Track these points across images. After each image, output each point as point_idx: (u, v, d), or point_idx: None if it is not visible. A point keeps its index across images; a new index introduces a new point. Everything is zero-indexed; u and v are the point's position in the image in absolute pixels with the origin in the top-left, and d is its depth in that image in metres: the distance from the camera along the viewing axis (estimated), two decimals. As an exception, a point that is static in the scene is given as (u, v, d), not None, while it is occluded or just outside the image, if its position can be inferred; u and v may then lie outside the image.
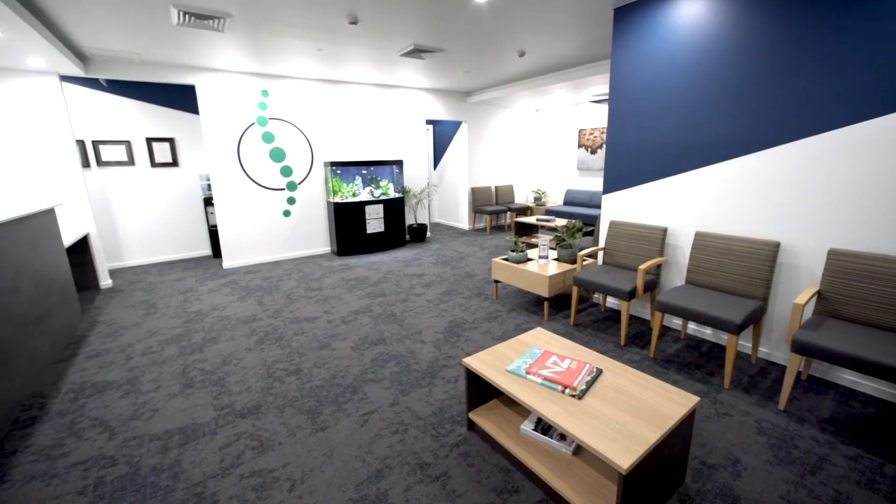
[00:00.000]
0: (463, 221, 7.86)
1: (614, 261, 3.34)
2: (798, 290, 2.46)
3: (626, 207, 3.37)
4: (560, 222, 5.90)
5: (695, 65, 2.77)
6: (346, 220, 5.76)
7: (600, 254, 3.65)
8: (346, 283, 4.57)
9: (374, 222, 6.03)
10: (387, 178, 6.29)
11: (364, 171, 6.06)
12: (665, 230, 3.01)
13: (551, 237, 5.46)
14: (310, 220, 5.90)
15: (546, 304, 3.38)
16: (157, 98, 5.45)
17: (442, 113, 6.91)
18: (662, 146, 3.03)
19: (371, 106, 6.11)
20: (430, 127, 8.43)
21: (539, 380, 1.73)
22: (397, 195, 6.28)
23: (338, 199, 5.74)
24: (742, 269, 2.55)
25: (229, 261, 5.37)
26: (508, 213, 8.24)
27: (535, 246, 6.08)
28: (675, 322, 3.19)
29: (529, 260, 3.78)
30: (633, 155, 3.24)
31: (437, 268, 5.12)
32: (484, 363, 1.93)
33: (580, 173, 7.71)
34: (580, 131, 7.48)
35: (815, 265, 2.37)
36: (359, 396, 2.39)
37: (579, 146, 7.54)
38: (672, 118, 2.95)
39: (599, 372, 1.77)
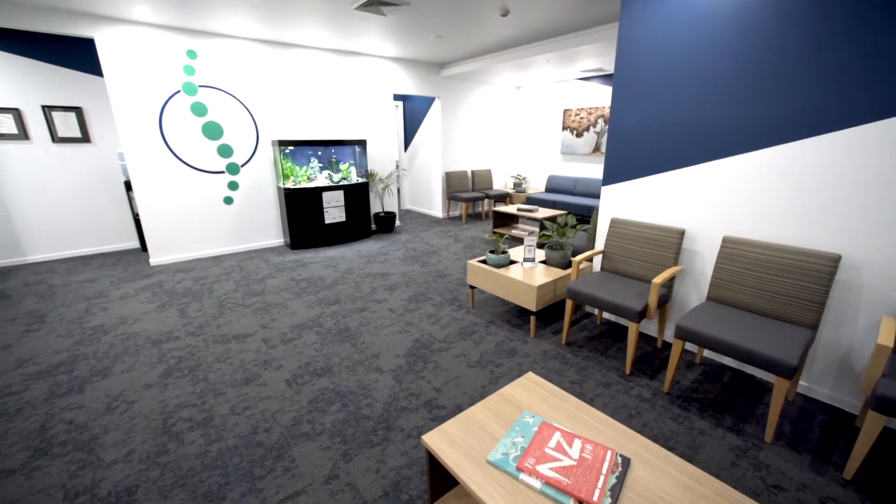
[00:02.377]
0: (436, 209, 7.17)
1: (616, 267, 2.77)
2: (857, 316, 1.95)
3: (630, 203, 2.79)
4: (543, 212, 5.33)
5: (727, 27, 2.16)
6: (299, 208, 4.96)
7: (597, 257, 3.08)
8: (296, 285, 3.83)
9: (334, 211, 5.25)
10: (348, 161, 5.49)
11: (321, 153, 5.24)
12: (682, 233, 2.45)
13: (537, 236, 4.86)
14: (257, 209, 5.06)
15: (533, 318, 2.79)
16: (55, 56, 4.39)
17: (412, 87, 6.11)
18: (680, 129, 2.44)
19: (328, 76, 5.24)
20: (400, 104, 7.60)
21: (538, 483, 1.12)
22: (360, 180, 5.51)
23: (289, 185, 4.91)
24: (788, 288, 2.02)
25: (158, 256, 4.50)
26: (486, 201, 7.61)
27: (517, 240, 5.49)
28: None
29: (513, 263, 3.17)
30: (641, 139, 2.64)
31: (405, 265, 4.45)
32: (453, 445, 1.30)
33: (564, 158, 7.13)
34: (565, 112, 6.86)
35: (887, 286, 1.86)
36: (283, 465, 1.73)
37: (564, 128, 6.93)
38: (694, 95, 2.35)
39: (627, 464, 1.18)
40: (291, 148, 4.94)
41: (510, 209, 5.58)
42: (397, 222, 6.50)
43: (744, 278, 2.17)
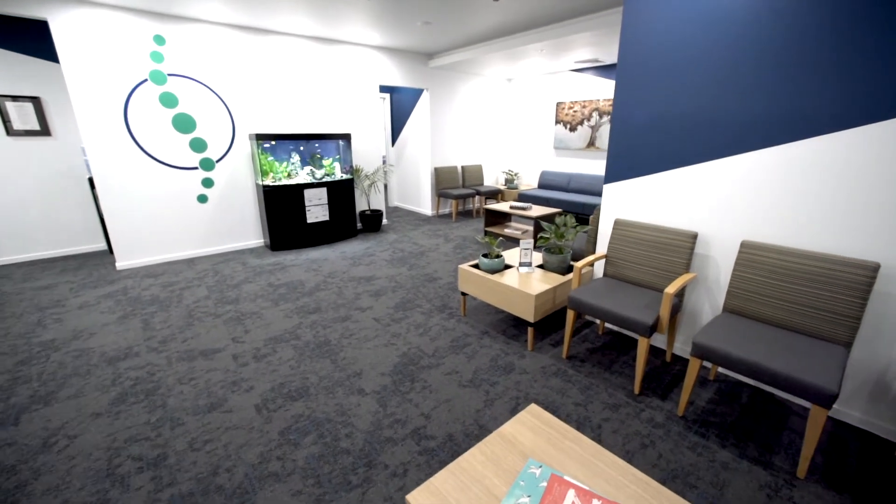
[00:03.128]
0: (425, 206, 6.90)
1: (620, 273, 2.55)
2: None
3: (635, 202, 2.57)
4: (537, 209, 5.10)
5: (751, 2, 1.93)
6: (279, 207, 4.65)
7: (599, 261, 2.86)
8: (274, 291, 3.54)
9: (317, 209, 4.95)
10: (331, 156, 5.18)
11: (302, 148, 4.92)
12: (695, 237, 2.23)
13: (531, 235, 4.64)
14: (234, 208, 4.73)
15: (531, 330, 2.56)
16: (8, 39, 3.99)
17: (399, 78, 5.81)
18: (692, 122, 2.21)
19: (310, 66, 4.91)
20: (387, 96, 7.28)
21: (553, 571, 0.88)
22: (345, 176, 5.21)
23: (268, 182, 4.60)
24: (818, 301, 1.82)
25: (125, 260, 4.16)
26: (477, 198, 7.37)
27: (510, 240, 5.26)
28: (695, 352, 2.46)
29: (508, 267, 2.93)
30: (648, 133, 2.41)
31: (392, 267, 4.18)
32: (445, 508, 1.06)
33: (557, 153, 6.91)
34: (558, 105, 6.62)
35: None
36: (245, 517, 1.47)
37: (557, 122, 6.70)
38: (709, 83, 2.12)
39: (661, 538, 0.95)
40: (272, 143, 4.62)
41: (502, 207, 5.34)
42: (384, 221, 6.23)
43: (766, 288, 1.96)
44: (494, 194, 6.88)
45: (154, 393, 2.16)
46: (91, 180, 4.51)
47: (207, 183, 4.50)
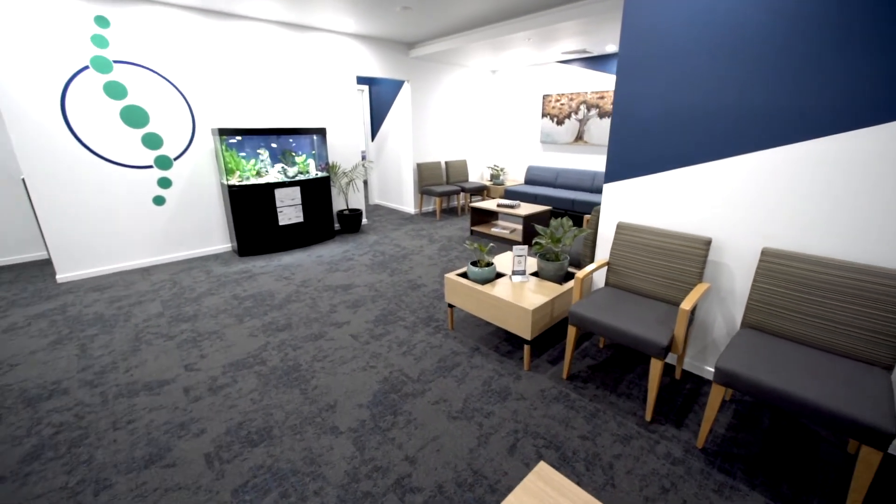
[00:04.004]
0: (407, 204, 6.56)
1: (624, 283, 2.30)
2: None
3: (639, 204, 2.31)
4: (526, 207, 4.84)
5: (775, -27, 1.68)
6: (247, 208, 4.24)
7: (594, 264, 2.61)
8: (239, 304, 3.17)
9: (289, 210, 4.56)
10: (305, 152, 4.79)
11: (275, 145, 4.51)
12: (709, 243, 1.99)
13: (520, 234, 4.38)
14: (196, 210, 4.29)
15: (527, 348, 2.29)
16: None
17: (377, 69, 5.43)
18: (704, 115, 1.97)
19: (279, 54, 4.49)
20: (365, 88, 6.88)
21: None
22: (321, 174, 4.82)
23: (234, 181, 4.18)
24: (855, 318, 1.60)
25: (67, 271, 3.69)
26: (462, 194, 7.08)
27: (498, 240, 4.98)
28: (711, 370, 2.25)
29: (500, 276, 2.65)
30: (653, 127, 2.15)
31: (372, 273, 3.86)
32: None
33: (544, 147, 6.66)
34: (544, 97, 6.37)
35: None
36: None
37: (543, 115, 6.45)
38: (727, 70, 1.87)
39: None
40: (238, 138, 4.19)
41: (489, 205, 5.06)
42: (364, 220, 5.87)
43: (792, 302, 1.74)
44: (480, 191, 6.60)
45: (80, 443, 1.79)
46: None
47: (164, 183, 4.05)
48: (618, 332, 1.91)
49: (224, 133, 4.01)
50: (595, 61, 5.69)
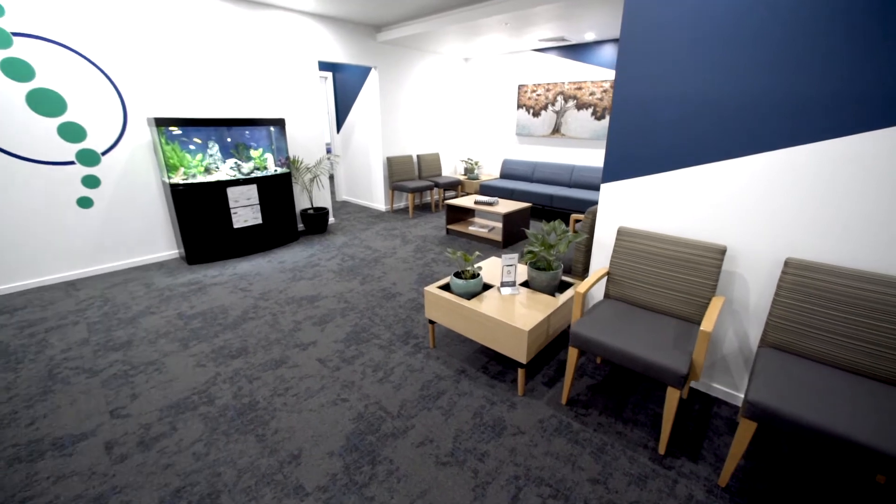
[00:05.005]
0: (378, 201, 6.16)
1: (627, 296, 2.08)
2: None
3: (642, 207, 2.08)
4: (504, 204, 4.58)
5: (807, -57, 1.46)
6: (195, 210, 3.72)
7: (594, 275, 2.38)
8: (184, 325, 2.72)
9: (245, 211, 4.07)
10: (262, 146, 4.29)
11: (230, 139, 3.99)
12: (724, 252, 1.79)
13: (499, 232, 4.13)
14: (133, 212, 3.73)
15: (521, 372, 2.03)
16: None
17: (342, 54, 4.96)
18: (719, 106, 1.74)
19: (230, 34, 3.95)
20: (328, 74, 6.36)
21: None
22: (280, 170, 4.35)
23: (179, 179, 3.65)
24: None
25: (-29, 288, 3.08)
26: (435, 190, 6.74)
27: (475, 239, 4.70)
28: (721, 388, 2.07)
29: (487, 287, 2.36)
30: (659, 121, 1.91)
31: (341, 281, 3.48)
32: None
33: (520, 140, 6.43)
34: (520, 87, 6.11)
35: None
36: None
37: (519, 106, 6.20)
38: (744, 56, 1.65)
39: None
40: (181, 130, 3.65)
41: (465, 202, 4.76)
42: (331, 219, 5.42)
43: (823, 320, 1.56)
44: (454, 185, 6.29)
45: (-46, 537, 1.36)
46: (-86, 180, 3.30)
47: (91, 182, 3.47)
48: (629, 357, 1.67)
49: (163, 123, 3.47)
50: (573, 50, 5.48)
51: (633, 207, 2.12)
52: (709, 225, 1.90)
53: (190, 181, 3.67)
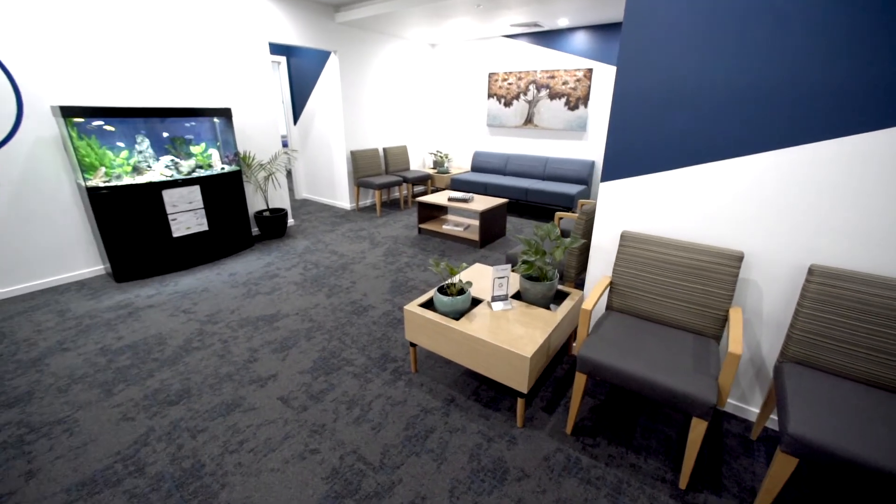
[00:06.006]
0: (342, 198, 5.70)
1: (634, 307, 1.86)
2: None
3: (647, 208, 1.86)
4: (480, 200, 4.31)
5: None
6: (122, 217, 3.16)
7: (592, 286, 2.15)
8: (108, 363, 2.24)
9: (187, 217, 3.53)
10: (205, 140, 3.74)
11: (167, 134, 3.42)
12: (741, 258, 1.60)
13: (478, 233, 3.86)
14: (38, 224, 3.10)
15: (521, 402, 1.77)
16: None
17: (295, 35, 4.44)
18: (737, 96, 1.53)
19: (158, 7, 3.34)
20: (282, 59, 5.77)
21: None
22: (228, 167, 3.82)
23: (98, 181, 3.07)
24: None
25: None
26: (404, 185, 6.35)
27: (450, 238, 4.40)
28: (730, 402, 1.91)
29: (476, 302, 2.08)
30: (667, 111, 1.69)
31: (305, 294, 3.08)
32: None
33: (491, 131, 6.16)
34: (490, 76, 5.82)
35: None
36: None
37: (489, 96, 5.92)
38: (766, 37, 1.43)
39: None
40: (100, 122, 3.06)
41: (438, 199, 4.44)
42: (290, 221, 4.93)
43: (853, 333, 1.40)
44: (423, 180, 5.94)
45: None
46: None
47: (-17, 187, 2.82)
48: (649, 385, 1.45)
49: (73, 113, 2.87)
50: (545, 37, 5.24)
51: (637, 209, 1.90)
52: (721, 229, 1.70)
53: (114, 183, 3.10)
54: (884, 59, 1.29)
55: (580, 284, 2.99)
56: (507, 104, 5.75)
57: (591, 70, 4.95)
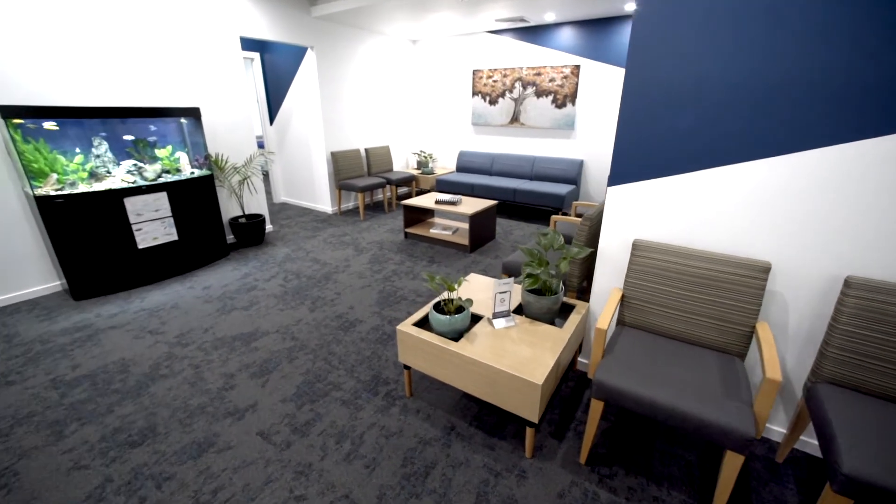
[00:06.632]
0: (323, 202, 5.44)
1: (649, 323, 1.72)
2: None
3: (661, 215, 1.73)
4: (468, 203, 4.14)
5: None
6: (79, 229, 2.86)
7: (600, 299, 2.01)
8: (60, 398, 1.97)
9: (153, 227, 3.24)
10: (172, 143, 3.45)
11: (131, 135, 3.11)
12: (768, 270, 1.47)
13: (461, 232, 3.69)
14: (-16, 236, 2.77)
15: (530, 432, 1.61)
16: None
17: (267, 30, 4.16)
18: (763, 90, 1.40)
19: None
20: (255, 56, 5.45)
21: None
22: (199, 172, 3.53)
23: (50, 189, 2.76)
24: None
25: None
26: (388, 187, 6.13)
27: (438, 243, 4.22)
28: (770, 427, 1.79)
29: (476, 319, 1.90)
30: (684, 109, 1.55)
31: (286, 308, 2.85)
32: None
33: (476, 130, 6.00)
34: (475, 73, 5.65)
35: None
36: None
37: (474, 94, 5.75)
38: (791, 30, 1.31)
39: None
40: (52, 124, 2.74)
41: (425, 202, 4.25)
42: (268, 227, 4.65)
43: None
44: (408, 181, 5.73)
45: None
46: None
47: (-89, 198, 2.48)
48: (678, 415, 1.30)
49: (12, 114, 2.56)
50: (531, 33, 5.10)
51: (649, 215, 1.76)
52: (744, 237, 1.58)
53: (68, 191, 2.79)
54: (926, 51, 1.18)
55: (581, 292, 2.85)
56: (493, 102, 5.60)
57: (578, 67, 4.84)
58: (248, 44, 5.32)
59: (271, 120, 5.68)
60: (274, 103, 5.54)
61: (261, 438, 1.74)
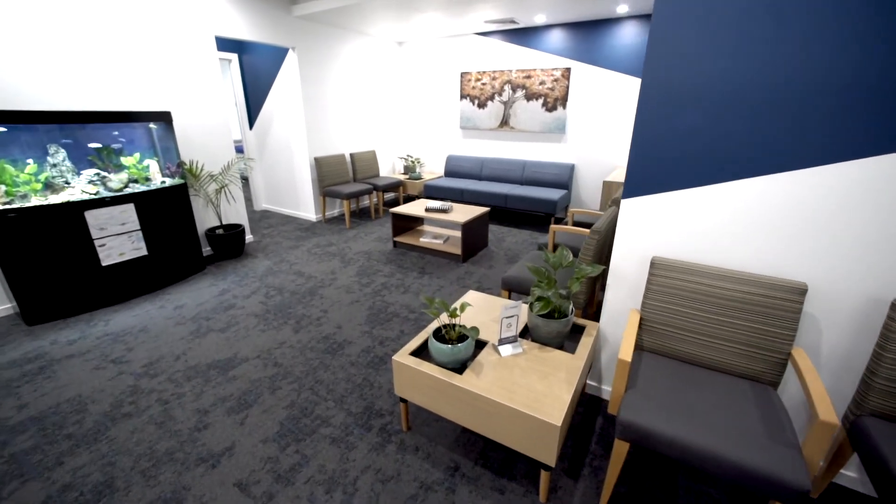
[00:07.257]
0: (307, 209, 5.19)
1: (669, 348, 1.57)
2: None
3: (681, 230, 1.58)
4: (459, 210, 3.97)
5: None
6: (31, 246, 2.57)
7: (610, 320, 1.85)
8: (2, 447, 1.71)
9: (119, 241, 2.96)
10: (140, 150, 3.18)
11: (96, 143, 2.83)
12: (804, 291, 1.34)
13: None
14: (-80, 256, 2.45)
15: (545, 476, 1.43)
16: None
17: (246, 30, 3.92)
18: (800, 95, 1.27)
19: (63, -14, 2.76)
20: (233, 56, 5.17)
21: None
22: (171, 181, 3.27)
23: (-5, 203, 2.47)
24: None
25: None
26: (374, 193, 5.91)
27: (429, 252, 4.03)
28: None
29: (481, 345, 1.72)
30: (710, 114, 1.41)
31: (268, 329, 2.61)
32: None
33: (465, 134, 5.84)
34: (463, 75, 5.50)
35: None
36: None
37: (462, 97, 5.59)
38: (832, 28, 1.18)
39: None
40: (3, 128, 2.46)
41: (414, 210, 4.06)
42: (248, 237, 4.38)
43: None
44: (395, 187, 5.54)
45: None
46: None
47: None
48: (716, 462, 1.15)
49: (-43, 121, 2.27)
50: (520, 35, 4.98)
51: (668, 230, 1.61)
52: (773, 256, 1.44)
53: (18, 205, 2.50)
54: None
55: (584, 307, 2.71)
56: (482, 105, 5.45)
57: (569, 69, 4.74)
58: (225, 44, 5.04)
59: (251, 124, 5.40)
60: (254, 107, 5.27)
61: (238, 490, 1.52)
